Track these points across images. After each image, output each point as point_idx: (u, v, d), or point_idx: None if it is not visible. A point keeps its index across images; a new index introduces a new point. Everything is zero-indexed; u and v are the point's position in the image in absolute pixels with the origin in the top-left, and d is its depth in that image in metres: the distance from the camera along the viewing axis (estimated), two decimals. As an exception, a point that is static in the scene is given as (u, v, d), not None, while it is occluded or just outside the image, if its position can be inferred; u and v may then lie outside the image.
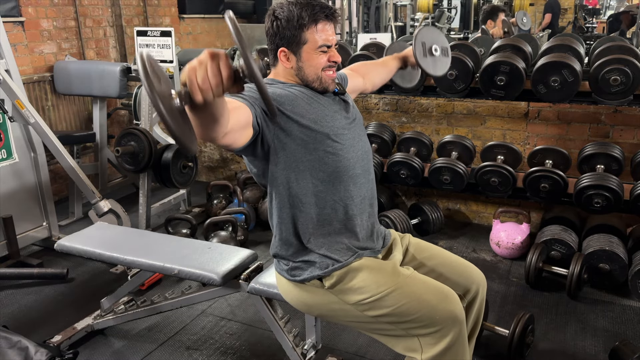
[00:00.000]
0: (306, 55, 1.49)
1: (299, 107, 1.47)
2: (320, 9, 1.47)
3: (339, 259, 1.54)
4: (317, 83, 1.53)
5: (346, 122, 1.58)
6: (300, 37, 1.47)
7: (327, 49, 1.50)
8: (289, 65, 1.52)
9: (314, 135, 1.48)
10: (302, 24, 1.46)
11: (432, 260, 1.70)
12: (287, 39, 1.48)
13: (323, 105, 1.54)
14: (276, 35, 1.49)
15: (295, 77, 1.54)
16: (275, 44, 1.51)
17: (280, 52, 1.51)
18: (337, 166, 1.52)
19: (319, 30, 1.47)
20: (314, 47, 1.48)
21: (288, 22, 1.46)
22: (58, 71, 3.93)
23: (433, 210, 3.34)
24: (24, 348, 2.03)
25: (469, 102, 3.41)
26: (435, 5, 7.34)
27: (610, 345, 2.16)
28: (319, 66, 1.51)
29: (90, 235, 2.33)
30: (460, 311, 1.51)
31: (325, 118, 1.51)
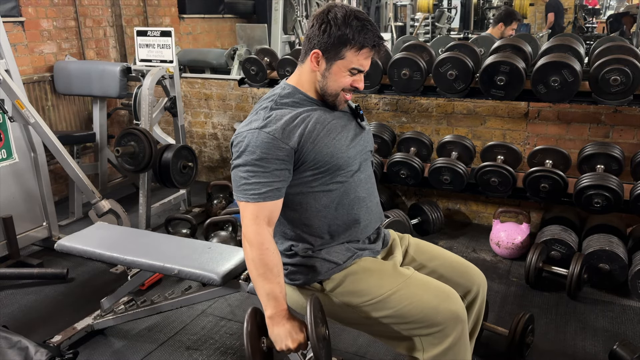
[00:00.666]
0: (336, 69, 1.48)
1: (318, 144, 1.47)
2: (372, 37, 1.45)
3: (338, 261, 1.54)
4: (332, 98, 1.52)
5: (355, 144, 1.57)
6: (340, 52, 1.45)
7: (357, 73, 1.49)
8: (315, 69, 1.50)
9: (328, 169, 1.49)
10: (349, 41, 1.43)
11: (432, 261, 1.70)
12: (326, 45, 1.45)
13: (338, 128, 1.53)
14: (318, 36, 1.46)
15: (316, 82, 1.52)
16: (313, 44, 1.48)
17: (313, 54, 1.48)
18: (342, 195, 1.53)
19: (360, 55, 1.46)
20: (347, 66, 1.47)
21: (337, 31, 1.43)
22: (58, 71, 3.93)
23: (433, 210, 3.34)
24: (24, 348, 2.03)
25: (469, 102, 3.41)
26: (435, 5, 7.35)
27: (610, 345, 2.16)
28: (341, 85, 1.49)
29: (90, 235, 2.33)
30: (462, 310, 1.51)
31: (340, 148, 1.51)
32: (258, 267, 1.41)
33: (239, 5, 6.57)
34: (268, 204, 1.42)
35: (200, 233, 3.29)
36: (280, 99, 1.51)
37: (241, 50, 4.96)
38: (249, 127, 1.45)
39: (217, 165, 4.56)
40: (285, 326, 1.38)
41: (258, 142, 1.41)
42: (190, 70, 5.15)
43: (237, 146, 1.46)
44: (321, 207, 1.52)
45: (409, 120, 3.63)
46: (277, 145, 1.41)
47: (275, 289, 1.41)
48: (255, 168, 1.41)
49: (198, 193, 4.18)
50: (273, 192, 1.43)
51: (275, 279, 1.41)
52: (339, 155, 1.50)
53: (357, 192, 1.57)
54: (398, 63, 2.94)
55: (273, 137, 1.41)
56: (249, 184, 1.42)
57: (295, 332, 1.38)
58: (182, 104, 3.85)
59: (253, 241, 1.41)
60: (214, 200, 3.75)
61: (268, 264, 1.41)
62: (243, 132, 1.46)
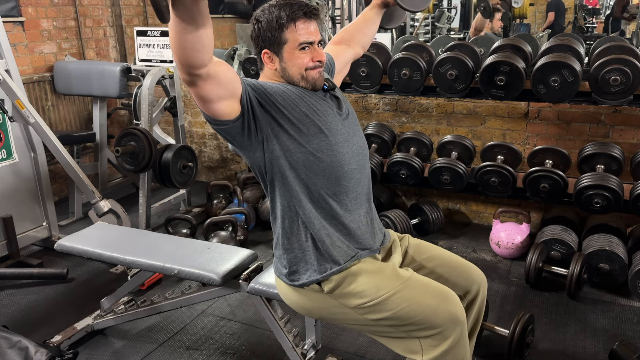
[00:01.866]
0: (288, 55, 1.49)
1: (289, 100, 1.48)
2: (298, 7, 1.47)
3: (338, 260, 1.53)
4: (304, 82, 1.53)
5: (339, 118, 1.57)
6: (281, 37, 1.48)
7: (309, 46, 1.49)
8: (273, 67, 1.53)
9: (305, 129, 1.48)
10: (282, 24, 1.46)
11: (432, 261, 1.70)
12: (268, 40, 1.49)
13: (314, 100, 1.54)
14: (259, 37, 1.51)
15: (281, 78, 1.55)
16: (259, 47, 1.52)
17: (264, 55, 1.52)
18: (331, 161, 1.51)
19: (298, 29, 1.47)
20: (294, 45, 1.48)
21: (268, 24, 1.47)
22: (58, 71, 3.93)
23: (433, 210, 3.34)
24: (24, 348, 2.03)
25: (469, 102, 3.41)
26: (435, 5, 7.34)
27: (610, 345, 2.16)
28: (302, 65, 1.50)
29: (90, 235, 2.33)
30: (461, 312, 1.51)
31: (316, 112, 1.51)
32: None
33: (239, 5, 6.56)
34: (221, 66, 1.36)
35: (200, 233, 3.29)
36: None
37: (241, 50, 4.95)
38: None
39: (217, 165, 4.56)
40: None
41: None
42: (190, 70, 5.14)
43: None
44: (310, 184, 1.50)
45: (409, 120, 3.63)
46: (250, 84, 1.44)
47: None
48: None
49: (198, 193, 4.18)
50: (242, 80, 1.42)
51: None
52: (315, 117, 1.49)
53: (348, 165, 1.54)
54: (398, 63, 2.94)
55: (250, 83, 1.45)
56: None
57: None
58: (182, 104, 3.85)
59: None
60: (214, 200, 3.75)
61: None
62: None
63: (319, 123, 1.50)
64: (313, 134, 1.48)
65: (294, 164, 1.48)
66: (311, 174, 1.50)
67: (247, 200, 3.65)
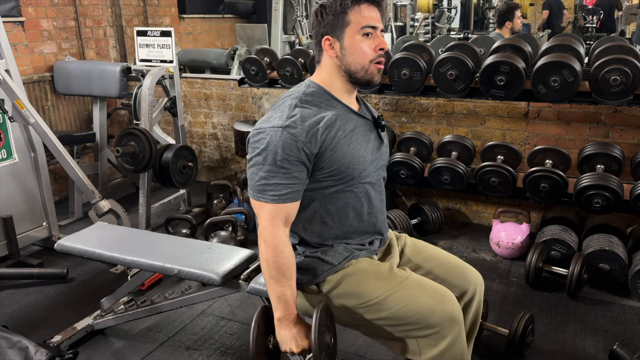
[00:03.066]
0: (349, 39, 1.44)
1: (338, 152, 1.44)
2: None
3: (333, 262, 1.53)
4: (362, 73, 1.47)
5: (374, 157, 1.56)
6: (343, 20, 1.43)
7: (372, 30, 1.44)
8: (333, 54, 1.47)
9: (343, 177, 1.48)
10: (346, 6, 1.43)
11: (429, 262, 1.69)
12: (330, 24, 1.45)
13: (360, 137, 1.51)
14: (320, 24, 1.47)
15: (339, 71, 1.48)
16: (320, 34, 1.48)
17: (325, 41, 1.47)
18: (346, 202, 1.52)
19: (362, 11, 1.43)
20: (356, 28, 1.43)
21: (331, 8, 1.44)
22: (58, 71, 3.93)
23: (433, 210, 3.34)
24: (24, 348, 2.03)
25: (469, 102, 3.41)
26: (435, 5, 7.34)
27: (610, 345, 2.16)
28: (365, 54, 1.45)
29: (90, 235, 2.33)
30: (458, 312, 1.50)
31: (358, 159, 1.49)
32: (271, 269, 1.42)
33: (239, 5, 6.57)
34: (287, 206, 1.42)
35: (200, 233, 3.29)
36: (305, 96, 1.47)
37: (241, 50, 4.96)
38: (272, 124, 1.41)
39: (217, 165, 4.56)
40: (292, 330, 1.42)
41: (281, 142, 1.38)
42: (190, 70, 5.15)
43: (257, 142, 1.42)
44: (325, 213, 1.51)
45: (409, 120, 3.63)
46: (299, 147, 1.38)
47: (286, 292, 1.43)
48: (276, 169, 1.39)
49: (198, 193, 4.18)
50: (292, 194, 1.42)
51: (287, 282, 1.43)
52: (355, 166, 1.48)
53: (366, 204, 1.55)
54: (398, 63, 2.94)
55: (296, 140, 1.38)
56: (269, 184, 1.40)
57: (300, 338, 1.42)
58: (182, 104, 3.85)
59: (269, 242, 1.42)
60: (214, 200, 3.75)
61: (281, 267, 1.42)
62: (265, 129, 1.41)
63: (356, 173, 1.49)
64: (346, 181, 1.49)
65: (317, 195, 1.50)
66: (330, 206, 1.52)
67: (247, 200, 3.65)
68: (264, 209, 1.42)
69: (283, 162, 1.38)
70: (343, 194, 1.50)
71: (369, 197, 1.55)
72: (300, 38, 5.71)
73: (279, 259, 1.41)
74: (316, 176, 1.46)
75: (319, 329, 1.38)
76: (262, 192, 1.41)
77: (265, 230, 1.42)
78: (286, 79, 3.29)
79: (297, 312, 1.45)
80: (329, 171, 1.45)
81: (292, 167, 1.39)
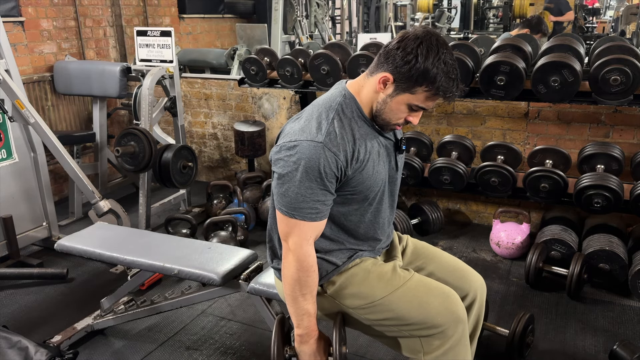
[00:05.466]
0: (399, 102, 1.39)
1: (363, 174, 1.43)
2: (451, 88, 1.36)
3: (336, 262, 1.53)
4: (383, 124, 1.46)
5: (390, 175, 1.56)
6: (412, 88, 1.36)
7: (418, 110, 1.42)
8: (379, 92, 1.41)
9: (362, 198, 1.48)
10: (426, 82, 1.34)
11: (430, 264, 1.69)
12: (402, 76, 1.35)
13: (383, 158, 1.50)
14: (398, 67, 1.35)
15: (374, 103, 1.43)
16: (389, 67, 1.37)
17: (383, 77, 1.38)
18: (359, 220, 1.53)
19: (428, 98, 1.38)
20: (412, 102, 1.38)
21: (420, 68, 1.32)
22: (58, 71, 3.93)
23: (433, 210, 3.34)
24: (24, 348, 2.03)
25: (469, 102, 3.41)
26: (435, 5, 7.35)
27: (610, 345, 2.16)
28: (398, 117, 1.43)
29: (90, 235, 2.33)
30: (462, 311, 1.51)
31: (378, 181, 1.49)
32: (302, 288, 1.43)
33: (239, 5, 6.57)
34: (320, 224, 1.43)
35: (200, 233, 3.29)
36: (340, 107, 1.43)
37: (241, 50, 4.96)
38: (309, 138, 1.36)
39: (217, 165, 4.56)
40: (312, 346, 1.48)
41: (322, 159, 1.34)
42: (190, 70, 5.15)
43: (293, 156, 1.35)
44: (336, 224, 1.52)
45: (409, 120, 3.62)
46: (339, 166, 1.37)
47: (311, 309, 1.46)
48: (315, 185, 1.35)
49: (198, 193, 4.18)
50: (327, 212, 1.43)
51: (311, 300, 1.45)
52: (375, 188, 1.49)
53: (378, 217, 1.56)
54: (398, 63, 2.94)
55: (337, 159, 1.35)
56: (307, 202, 1.36)
57: (320, 354, 1.49)
58: (182, 104, 3.85)
59: (303, 262, 1.41)
60: (214, 200, 3.75)
61: (311, 285, 1.44)
62: (301, 142, 1.35)
63: (373, 194, 1.50)
64: (361, 200, 1.49)
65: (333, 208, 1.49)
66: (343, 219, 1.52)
67: (247, 200, 3.65)
68: (298, 227, 1.39)
69: (324, 179, 1.35)
70: (357, 210, 1.51)
71: (380, 210, 1.57)
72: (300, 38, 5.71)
73: (311, 279, 1.43)
74: (341, 190, 1.45)
75: (339, 342, 1.46)
76: (297, 209, 1.37)
77: (300, 250, 1.40)
78: (286, 79, 3.29)
79: (318, 329, 1.50)
80: (351, 190, 1.45)
81: (329, 183, 1.37)
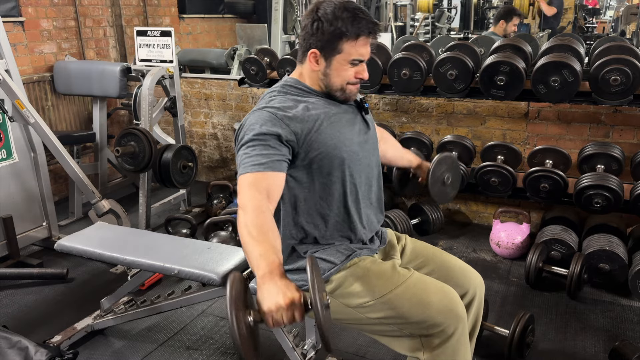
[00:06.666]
0: (336, 64, 1.46)
1: (323, 134, 1.45)
2: (366, 24, 1.42)
3: (335, 261, 1.53)
4: (340, 93, 1.51)
5: (361, 140, 1.56)
6: (337, 46, 1.43)
7: (359, 63, 1.47)
8: (316, 68, 1.48)
9: (330, 161, 1.47)
10: (343, 33, 1.41)
11: (429, 263, 1.69)
12: (322, 42, 1.43)
13: (343, 121, 1.52)
14: (312, 35, 1.44)
15: (319, 81, 1.51)
16: (309, 44, 1.46)
17: (310, 53, 1.47)
18: (344, 190, 1.52)
19: (357, 45, 1.43)
20: (347, 58, 1.44)
21: (330, 26, 1.41)
22: (58, 71, 3.93)
23: (433, 210, 3.34)
24: (24, 348, 2.03)
25: (469, 102, 3.41)
26: (435, 5, 7.34)
27: (610, 345, 2.16)
28: (346, 78, 1.48)
29: (90, 235, 2.33)
30: (461, 309, 1.51)
31: (344, 142, 1.49)
32: (251, 230, 1.26)
33: (239, 5, 6.57)
34: (268, 174, 1.35)
35: (200, 233, 3.29)
36: (284, 87, 1.52)
37: (241, 50, 4.96)
38: (251, 111, 1.47)
39: (217, 165, 4.56)
40: (277, 283, 1.17)
41: (259, 119, 1.41)
42: (190, 70, 5.15)
43: (240, 130, 1.45)
44: (321, 201, 1.51)
45: (409, 120, 3.63)
46: (277, 122, 1.40)
47: (269, 251, 1.23)
48: (256, 142, 1.38)
49: (198, 193, 4.18)
50: (273, 164, 1.37)
51: (269, 245, 1.24)
52: (343, 148, 1.48)
53: (361, 191, 1.56)
54: (398, 63, 2.94)
55: (274, 115, 1.41)
56: (249, 156, 1.37)
57: (289, 290, 1.16)
58: (182, 104, 3.85)
59: (248, 205, 1.30)
60: (214, 200, 3.75)
61: (263, 226, 1.27)
62: (246, 116, 1.47)
63: (345, 154, 1.49)
64: (336, 166, 1.49)
65: (309, 185, 1.49)
66: (324, 193, 1.51)
67: (247, 200, 3.64)
68: (244, 179, 1.35)
69: (262, 135, 1.38)
70: (337, 178, 1.50)
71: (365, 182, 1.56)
72: (300, 38, 5.70)
73: (259, 219, 1.27)
74: (304, 162, 1.46)
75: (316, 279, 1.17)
76: (244, 166, 1.37)
77: (245, 195, 1.32)
78: (286, 79, 3.29)
79: (283, 268, 1.23)
80: (317, 154, 1.45)
81: (271, 140, 1.38)
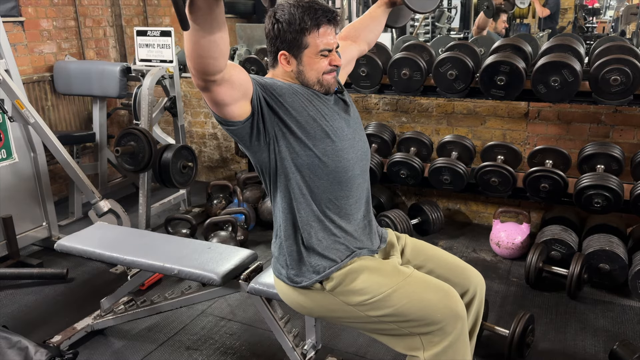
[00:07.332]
0: (307, 59, 1.48)
1: (298, 102, 1.47)
2: (322, 13, 1.45)
3: (335, 259, 1.54)
4: (318, 86, 1.52)
5: (346, 123, 1.57)
6: (302, 42, 1.45)
7: (329, 52, 1.49)
8: (289, 69, 1.51)
9: (312, 132, 1.47)
10: (304, 28, 1.43)
11: (429, 262, 1.70)
12: (288, 42, 1.46)
13: (322, 104, 1.53)
14: (277, 38, 1.47)
15: (295, 79, 1.53)
16: (276, 47, 1.49)
17: (280, 56, 1.50)
18: (336, 166, 1.51)
19: (320, 35, 1.45)
20: (315, 51, 1.47)
21: (289, 26, 1.44)
22: (58, 71, 3.93)
23: (433, 210, 3.34)
24: (24, 348, 2.03)
25: (469, 102, 3.41)
26: (435, 5, 7.32)
27: (610, 345, 2.16)
28: (320, 70, 1.50)
29: (90, 235, 2.33)
30: (461, 308, 1.51)
31: (324, 117, 1.50)
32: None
33: (239, 5, 6.56)
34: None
35: (200, 233, 3.29)
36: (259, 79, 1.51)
37: (241, 50, 4.95)
38: None
39: (217, 165, 4.56)
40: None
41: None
42: (190, 70, 5.14)
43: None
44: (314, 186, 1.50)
45: (409, 120, 3.63)
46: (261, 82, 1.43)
47: None
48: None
49: (198, 193, 4.18)
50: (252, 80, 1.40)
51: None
52: (322, 122, 1.49)
53: (352, 171, 1.55)
54: (398, 63, 2.94)
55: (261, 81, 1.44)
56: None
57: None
58: (182, 104, 3.85)
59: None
60: (214, 200, 3.75)
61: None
62: None
63: (326, 128, 1.50)
64: (319, 138, 1.48)
65: (299, 165, 1.49)
66: (315, 177, 1.50)
67: (247, 200, 3.65)
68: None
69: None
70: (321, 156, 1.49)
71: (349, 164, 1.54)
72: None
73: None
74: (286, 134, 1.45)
75: None
76: None
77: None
78: (286, 79, 3.30)
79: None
80: (296, 125, 1.45)
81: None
